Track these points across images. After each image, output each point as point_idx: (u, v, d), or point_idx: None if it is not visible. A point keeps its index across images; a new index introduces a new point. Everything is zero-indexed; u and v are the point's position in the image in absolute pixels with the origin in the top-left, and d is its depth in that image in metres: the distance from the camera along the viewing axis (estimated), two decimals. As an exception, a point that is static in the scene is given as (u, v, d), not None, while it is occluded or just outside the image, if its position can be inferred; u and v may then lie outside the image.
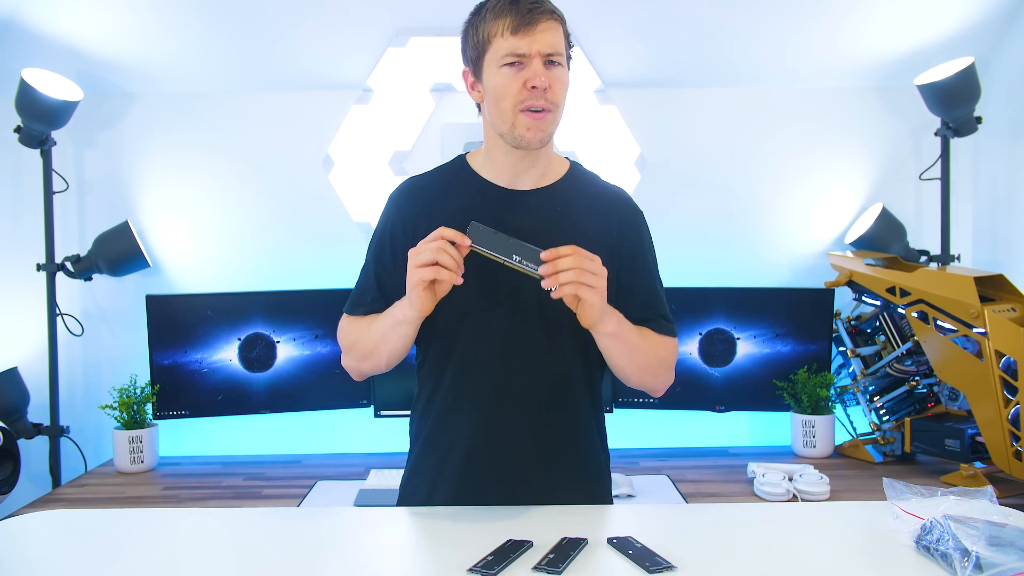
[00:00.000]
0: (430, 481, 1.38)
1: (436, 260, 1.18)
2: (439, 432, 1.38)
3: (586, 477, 1.40)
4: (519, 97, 1.27)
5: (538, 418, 1.35)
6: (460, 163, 1.43)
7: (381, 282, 1.38)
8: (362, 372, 1.41)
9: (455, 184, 1.39)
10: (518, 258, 1.18)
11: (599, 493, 1.42)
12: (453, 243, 1.20)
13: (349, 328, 1.41)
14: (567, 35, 1.33)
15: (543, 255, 1.18)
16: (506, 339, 1.33)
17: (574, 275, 1.17)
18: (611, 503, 1.45)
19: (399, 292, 1.28)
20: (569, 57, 1.34)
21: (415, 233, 1.33)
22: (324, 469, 2.34)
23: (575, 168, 1.44)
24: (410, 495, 1.42)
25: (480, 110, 1.38)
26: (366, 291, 1.40)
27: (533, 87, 1.26)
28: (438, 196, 1.38)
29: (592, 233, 1.34)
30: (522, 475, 1.34)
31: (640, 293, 1.38)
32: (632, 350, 1.32)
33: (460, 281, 1.20)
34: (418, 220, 1.35)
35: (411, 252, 1.22)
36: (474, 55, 1.32)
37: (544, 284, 1.19)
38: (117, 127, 2.54)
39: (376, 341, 1.33)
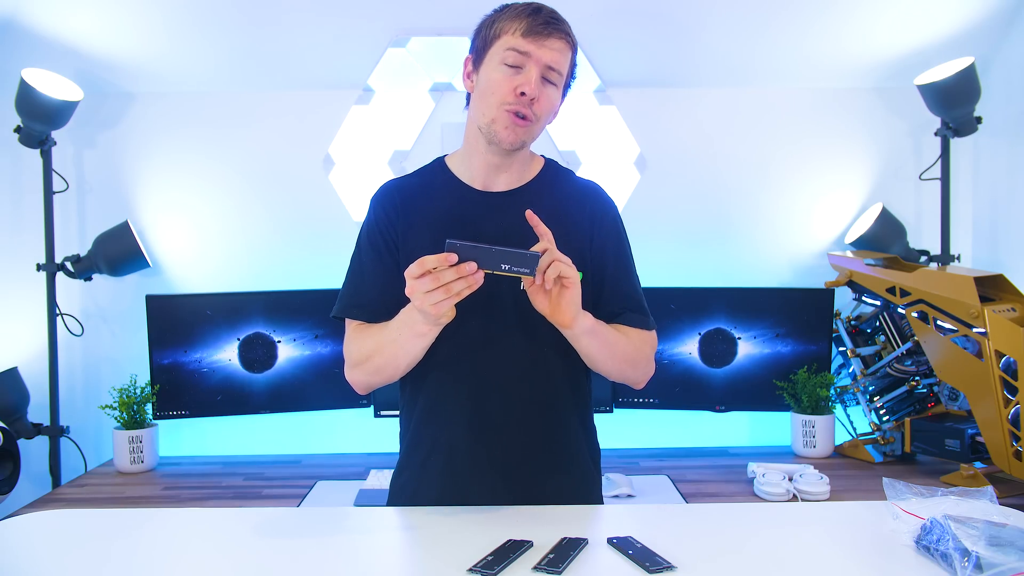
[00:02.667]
0: (415, 480, 1.39)
1: (453, 293, 1.14)
2: (422, 431, 1.39)
3: (569, 475, 1.39)
4: (507, 99, 1.29)
5: (518, 415, 1.35)
6: (439, 165, 1.44)
7: (384, 283, 1.36)
8: (371, 385, 1.38)
9: (434, 186, 1.41)
10: (507, 266, 1.15)
11: (586, 491, 1.41)
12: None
13: (359, 341, 1.36)
14: (573, 63, 1.35)
15: (540, 253, 1.16)
16: (485, 338, 1.34)
17: (559, 269, 1.18)
18: (601, 502, 1.44)
19: (400, 294, 1.27)
20: (567, 85, 1.36)
21: (402, 234, 1.36)
22: (324, 469, 2.34)
23: (550, 166, 1.45)
24: (397, 494, 1.43)
25: (467, 103, 1.39)
26: (366, 292, 1.38)
27: (522, 93, 1.28)
28: (418, 199, 1.39)
29: (567, 229, 1.35)
30: (504, 473, 1.35)
31: (614, 284, 1.39)
32: (610, 345, 1.32)
33: (480, 281, 1.16)
34: (402, 221, 1.37)
35: (409, 292, 1.16)
36: (480, 46, 1.34)
37: (529, 280, 1.17)
38: (117, 127, 2.54)
39: (392, 354, 1.30)
